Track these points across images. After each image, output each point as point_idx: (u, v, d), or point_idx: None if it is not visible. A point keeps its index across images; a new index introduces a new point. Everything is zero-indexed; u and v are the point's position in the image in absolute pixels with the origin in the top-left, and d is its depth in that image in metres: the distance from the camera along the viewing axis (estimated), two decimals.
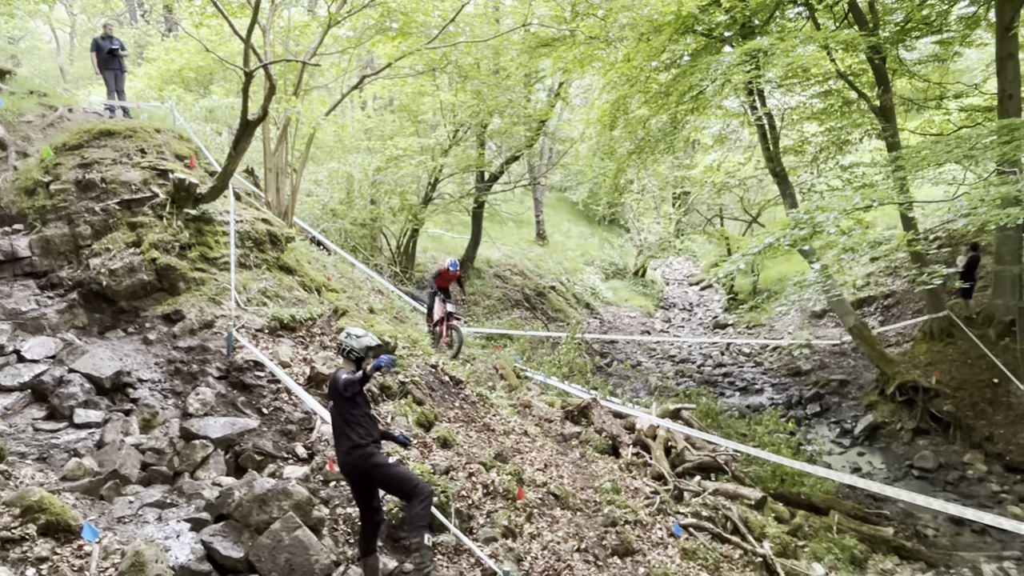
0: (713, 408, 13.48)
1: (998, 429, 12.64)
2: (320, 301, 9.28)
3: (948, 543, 10.06)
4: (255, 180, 13.08)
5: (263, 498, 5.64)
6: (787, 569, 7.72)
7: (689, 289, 27.79)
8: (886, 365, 14.28)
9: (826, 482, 10.81)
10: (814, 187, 17.32)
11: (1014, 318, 12.92)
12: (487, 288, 19.18)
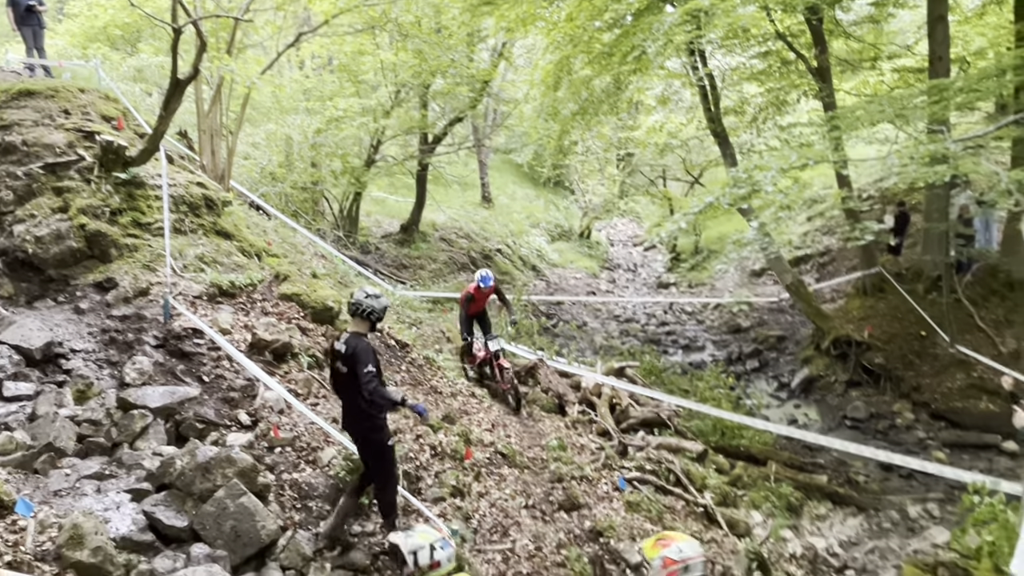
0: (656, 366, 13.76)
1: (925, 379, 13.24)
2: (260, 266, 9.08)
3: (877, 488, 10.56)
4: (189, 143, 12.63)
5: (206, 466, 5.56)
6: (727, 517, 8.02)
7: (633, 250, 28.12)
8: (821, 321, 14.76)
9: (764, 434, 11.21)
10: (754, 147, 17.62)
11: (941, 273, 13.45)
12: (433, 252, 19.06)
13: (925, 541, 8.15)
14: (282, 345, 7.43)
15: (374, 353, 5.53)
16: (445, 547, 3.76)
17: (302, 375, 7.34)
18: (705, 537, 7.55)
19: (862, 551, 8.58)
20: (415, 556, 3.69)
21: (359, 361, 5.40)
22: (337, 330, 8.56)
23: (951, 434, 12.12)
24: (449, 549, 3.76)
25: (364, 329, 5.65)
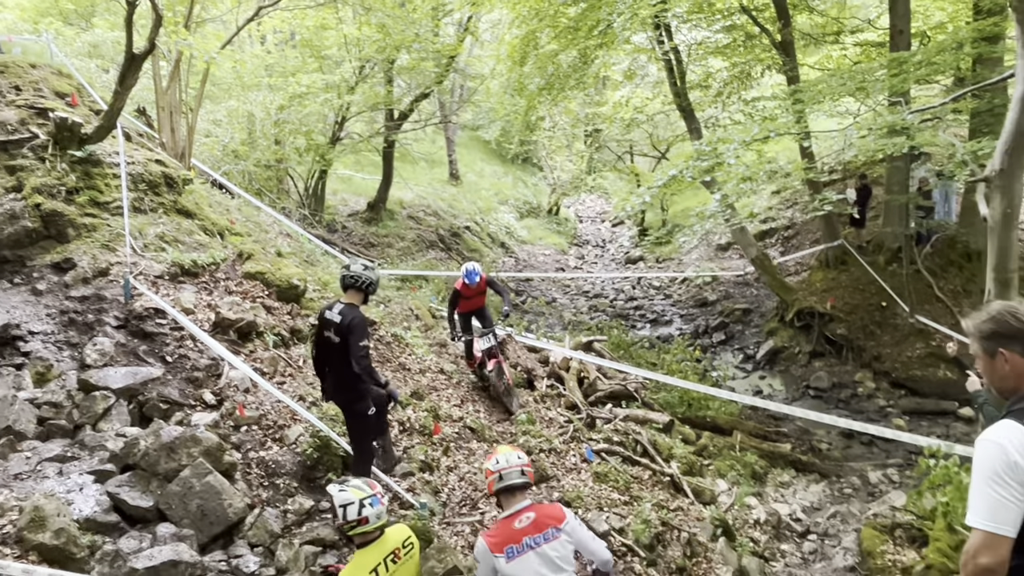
0: (624, 340, 13.89)
1: (885, 349, 13.55)
2: (223, 245, 8.95)
3: (839, 455, 10.82)
4: (147, 120, 12.33)
5: (171, 446, 5.52)
6: (693, 486, 8.16)
7: (601, 226, 28.20)
8: (786, 293, 14.99)
9: (730, 404, 11.40)
10: (719, 122, 17.72)
11: (901, 245, 13.72)
12: (401, 230, 18.93)
13: (884, 505, 8.37)
14: (247, 324, 7.36)
15: (367, 327, 5.69)
16: (375, 504, 3.80)
17: (268, 354, 7.28)
18: (672, 505, 7.67)
19: (824, 516, 8.80)
20: (344, 510, 3.75)
21: (354, 333, 5.49)
22: (303, 308, 8.50)
23: (910, 401, 12.44)
24: (378, 507, 3.80)
25: (358, 301, 5.72)
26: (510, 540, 3.94)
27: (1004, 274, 5.97)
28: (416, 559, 3.92)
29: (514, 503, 4.06)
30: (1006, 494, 2.27)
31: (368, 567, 3.70)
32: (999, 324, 2.45)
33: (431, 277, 15.01)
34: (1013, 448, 2.26)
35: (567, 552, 3.98)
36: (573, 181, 27.57)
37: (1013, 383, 2.45)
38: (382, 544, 3.80)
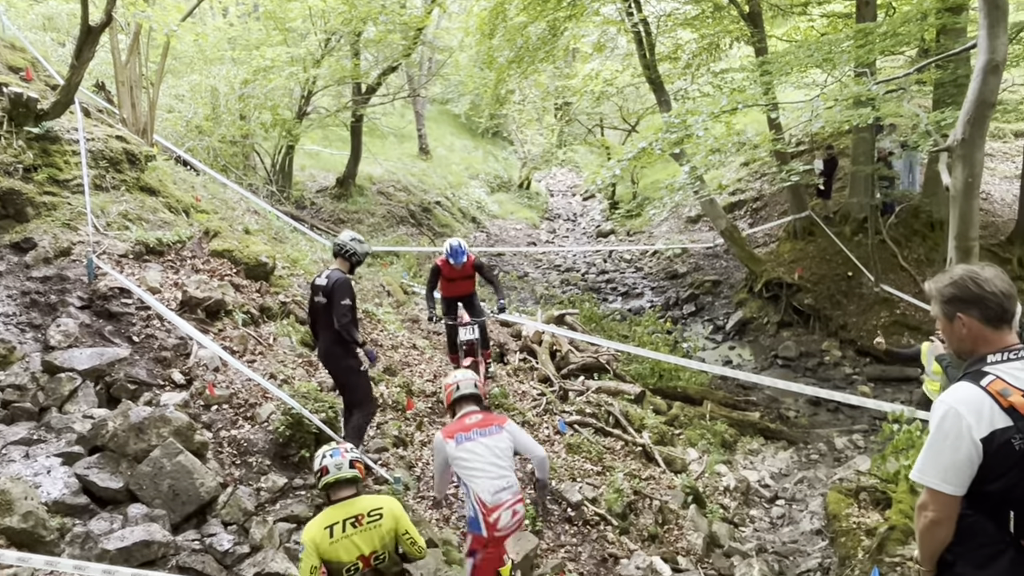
0: (596, 313, 13.97)
1: (851, 318, 13.82)
2: (189, 223, 8.79)
3: (806, 422, 11.06)
4: (107, 95, 12.01)
5: (140, 427, 5.46)
6: (664, 455, 8.29)
7: (573, 200, 28.20)
8: (754, 264, 15.17)
9: (700, 375, 11.57)
10: (688, 94, 17.72)
11: (867, 215, 13.94)
12: (371, 205, 18.76)
13: (850, 469, 8.58)
14: (215, 302, 7.26)
15: (352, 287, 5.99)
16: (334, 455, 4.03)
17: (237, 332, 7.20)
18: (644, 475, 7.80)
19: (792, 481, 9.01)
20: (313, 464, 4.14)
21: (336, 292, 5.89)
22: (272, 286, 8.41)
23: (875, 369, 12.72)
24: (337, 458, 4.01)
25: (344, 268, 6.13)
26: (460, 430, 4.76)
27: (965, 242, 6.09)
28: (384, 529, 3.95)
29: (466, 408, 4.92)
30: (957, 456, 2.34)
31: (326, 523, 3.89)
32: (959, 289, 2.50)
33: (402, 253, 14.93)
34: (967, 411, 2.33)
35: (507, 447, 4.75)
36: (544, 155, 27.49)
37: (970, 346, 2.51)
38: (349, 506, 3.95)
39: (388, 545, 3.97)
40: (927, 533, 2.50)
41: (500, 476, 4.63)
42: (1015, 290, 2.48)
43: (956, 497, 2.39)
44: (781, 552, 7.15)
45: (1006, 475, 2.30)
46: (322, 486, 4.00)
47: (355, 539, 3.87)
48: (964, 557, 2.46)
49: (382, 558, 3.96)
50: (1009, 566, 2.36)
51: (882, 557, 5.23)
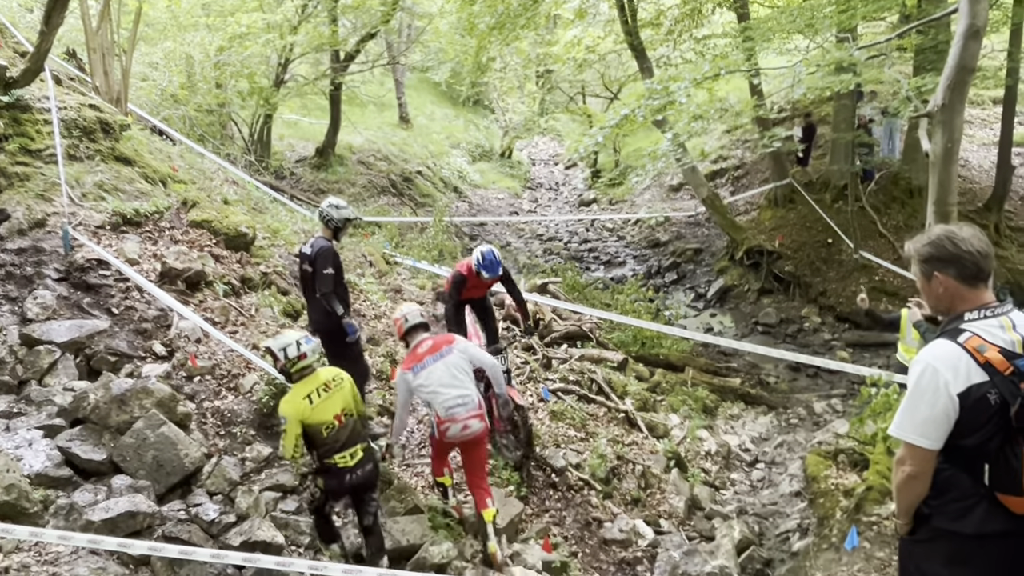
0: (579, 282, 14.00)
1: (831, 284, 13.96)
2: (167, 193, 8.67)
3: (786, 388, 11.21)
4: (79, 63, 11.72)
5: (122, 398, 5.43)
6: (647, 421, 8.38)
7: (555, 169, 28.09)
8: (735, 232, 15.24)
9: (682, 342, 11.66)
10: (670, 61, 17.62)
11: (847, 183, 14.02)
12: (351, 176, 18.57)
13: (828, 433, 8.73)
14: (195, 273, 7.19)
15: (335, 257, 5.98)
16: (308, 342, 4.68)
17: (218, 303, 7.15)
18: (626, 440, 7.89)
19: (771, 445, 9.16)
20: (285, 351, 4.63)
21: (319, 261, 5.92)
22: (253, 257, 8.34)
23: (854, 335, 12.90)
24: (312, 343, 4.70)
25: (328, 236, 6.14)
26: (414, 361, 5.23)
27: (944, 207, 6.15)
28: (347, 390, 4.84)
29: (417, 338, 5.37)
30: (934, 411, 2.39)
31: (303, 394, 4.63)
32: (936, 248, 2.53)
33: (384, 223, 14.82)
34: (944, 367, 2.38)
35: (463, 363, 5.23)
36: (525, 123, 27.29)
37: (947, 304, 2.55)
38: (315, 378, 4.72)
39: (351, 405, 4.84)
40: (904, 487, 2.56)
41: (457, 394, 5.14)
42: (991, 249, 2.52)
43: (933, 451, 2.44)
44: (761, 514, 7.30)
45: (981, 429, 2.35)
46: (296, 370, 4.66)
47: (328, 402, 4.68)
48: (940, 510, 2.52)
49: (350, 414, 4.81)
50: (983, 517, 2.42)
51: (860, 517, 5.34)
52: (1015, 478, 2.32)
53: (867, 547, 5.00)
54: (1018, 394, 2.28)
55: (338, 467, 4.70)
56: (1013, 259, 13.83)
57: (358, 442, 4.82)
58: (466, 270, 6.69)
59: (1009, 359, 2.33)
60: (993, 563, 2.49)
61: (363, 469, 4.80)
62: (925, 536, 2.61)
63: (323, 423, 4.64)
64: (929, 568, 2.62)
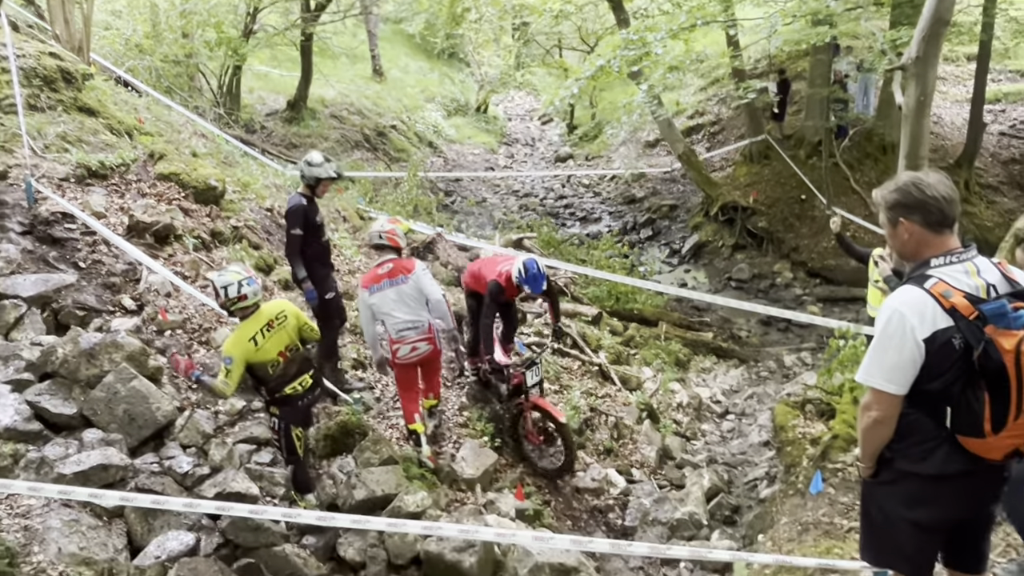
0: (555, 238, 14.00)
1: (803, 240, 14.10)
2: (132, 145, 8.45)
3: (757, 341, 11.39)
4: (37, 10, 11.31)
5: (91, 352, 5.37)
6: (620, 374, 8.47)
7: (531, 124, 27.81)
8: (711, 188, 15.27)
9: (656, 297, 11.76)
10: (647, 12, 17.36)
11: (821, 139, 14.06)
12: (323, 129, 18.24)
13: (797, 385, 8.89)
14: (163, 227, 7.06)
15: (304, 216, 5.94)
16: (251, 284, 4.71)
17: (188, 257, 7.04)
18: (600, 393, 7.99)
19: (742, 397, 9.33)
20: (225, 290, 4.65)
21: (287, 220, 6.01)
22: (223, 210, 8.20)
23: (824, 290, 13.10)
24: (254, 285, 4.74)
25: (307, 192, 6.09)
26: (373, 281, 5.55)
27: (915, 161, 6.20)
28: (290, 326, 4.92)
29: (381, 257, 5.66)
30: (901, 357, 2.43)
31: (248, 335, 4.69)
32: (902, 194, 2.55)
33: (358, 178, 14.63)
34: (910, 312, 2.41)
35: (415, 293, 5.49)
36: (501, 77, 26.89)
37: (913, 250, 2.58)
38: (258, 317, 4.78)
39: (296, 338, 4.96)
40: (870, 432, 2.62)
41: (407, 318, 5.51)
42: (957, 195, 2.54)
43: (899, 396, 2.49)
44: (730, 463, 7.46)
45: (946, 374, 2.40)
46: (238, 308, 4.72)
47: (272, 341, 4.77)
48: (902, 453, 2.59)
49: (294, 348, 4.93)
50: (944, 458, 2.49)
51: (825, 464, 5.47)
52: (976, 421, 2.38)
53: (832, 492, 5.14)
54: (981, 339, 2.32)
55: (289, 396, 4.89)
56: (981, 215, 14.05)
57: (306, 371, 4.99)
58: (504, 280, 6.10)
59: (973, 304, 2.36)
60: (951, 502, 2.57)
61: (313, 394, 5.08)
62: (888, 478, 2.68)
63: (268, 361, 4.77)
64: (890, 508, 2.70)
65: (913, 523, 2.63)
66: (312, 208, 6.12)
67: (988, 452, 2.42)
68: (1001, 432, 2.34)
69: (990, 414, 2.34)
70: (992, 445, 2.38)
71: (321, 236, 6.23)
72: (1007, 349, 2.28)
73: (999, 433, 2.34)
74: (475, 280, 6.61)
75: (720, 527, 6.23)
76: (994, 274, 2.47)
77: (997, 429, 2.34)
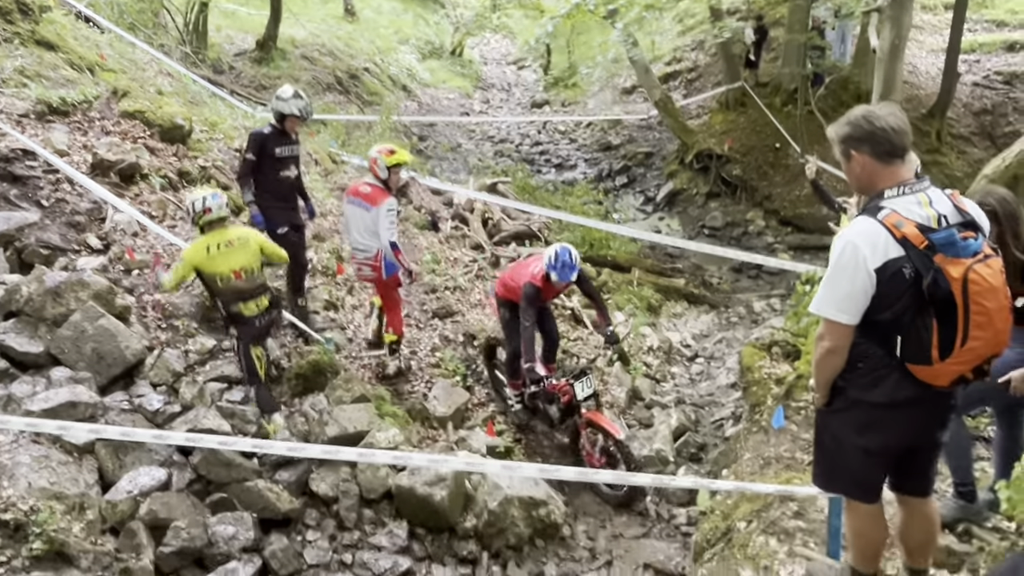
0: (530, 184, 13.92)
1: (776, 189, 14.17)
2: (95, 82, 8.21)
3: (728, 288, 11.52)
4: None
5: (56, 291, 5.31)
6: (592, 319, 8.55)
7: (507, 69, 27.35)
8: (686, 135, 15.23)
9: (630, 243, 11.80)
10: None
11: (797, 86, 14.01)
12: (294, 71, 17.77)
13: (766, 329, 9.03)
14: (129, 166, 6.92)
15: (261, 144, 5.95)
16: (216, 198, 5.14)
17: (155, 196, 6.92)
18: (572, 336, 8.07)
19: (711, 342, 9.48)
20: (193, 205, 5.13)
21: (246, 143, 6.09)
22: (190, 150, 8.04)
23: (796, 238, 13.23)
24: (220, 199, 5.17)
25: (276, 125, 6.05)
26: (352, 193, 5.99)
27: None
28: (250, 251, 5.21)
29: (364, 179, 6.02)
30: (853, 287, 2.48)
31: (204, 245, 5.08)
32: (853, 127, 2.57)
33: (329, 121, 14.36)
34: (863, 243, 2.45)
35: (371, 224, 5.77)
36: (477, 19, 26.31)
37: (867, 182, 2.61)
38: (221, 234, 5.14)
39: (254, 263, 5.23)
40: (823, 362, 2.68)
41: (361, 240, 5.90)
42: (907, 126, 2.55)
43: (850, 327, 2.55)
44: (698, 403, 7.63)
45: (896, 303, 2.46)
46: (204, 222, 5.11)
47: (227, 256, 5.09)
48: (854, 382, 2.66)
49: (250, 271, 5.18)
50: (893, 386, 2.57)
51: (788, 402, 5.62)
52: (925, 349, 2.45)
53: (794, 429, 5.29)
54: (931, 267, 2.37)
55: (244, 315, 5.20)
56: (952, 165, 14.18)
57: (263, 294, 5.30)
58: (540, 281, 5.67)
59: (924, 234, 2.41)
60: (900, 428, 2.67)
61: (268, 316, 5.39)
62: (840, 406, 2.76)
63: (218, 274, 5.08)
64: (842, 436, 2.79)
65: (863, 449, 2.72)
66: (274, 139, 6.00)
67: (936, 379, 2.50)
68: (948, 359, 2.41)
69: (938, 341, 2.41)
70: (939, 372, 2.46)
71: (280, 170, 6.08)
72: (954, 277, 2.34)
73: (946, 360, 2.42)
74: (506, 288, 6.08)
75: (686, 464, 6.39)
76: (946, 205, 2.52)
77: (944, 356, 2.41)
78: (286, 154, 6.11)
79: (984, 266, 2.36)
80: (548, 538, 5.11)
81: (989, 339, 2.39)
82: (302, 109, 6.03)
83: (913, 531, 2.91)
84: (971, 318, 2.35)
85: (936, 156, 13.79)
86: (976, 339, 2.37)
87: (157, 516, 4.41)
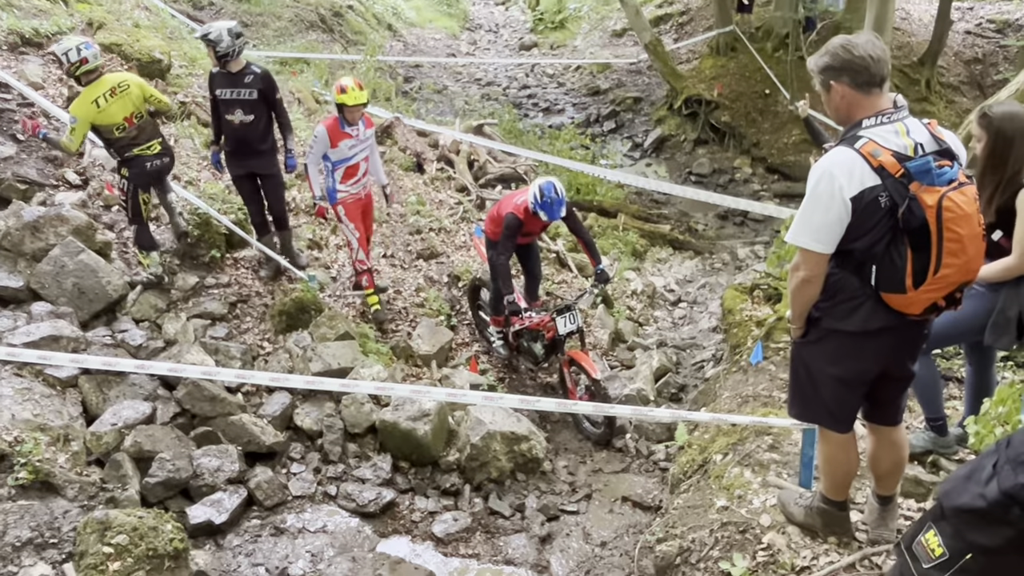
0: (517, 127, 13.78)
1: (764, 136, 14.10)
2: (69, 13, 8.00)
3: (713, 234, 11.56)
4: None
5: (35, 225, 5.27)
6: (577, 262, 8.58)
7: (495, 9, 26.75)
8: (676, 80, 15.05)
9: (616, 189, 11.77)
10: None
11: (789, 31, 13.84)
12: (276, 8, 17.30)
13: (749, 275, 9.09)
14: None
15: (209, 83, 5.75)
16: (88, 48, 5.06)
17: None
18: (557, 279, 8.10)
19: (695, 287, 9.54)
20: (67, 55, 4.96)
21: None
22: (169, 85, 7.87)
23: (782, 185, 13.21)
24: (93, 49, 5.11)
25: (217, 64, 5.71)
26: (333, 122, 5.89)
27: None
28: (134, 95, 5.27)
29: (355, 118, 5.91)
30: (828, 216, 2.50)
31: (91, 98, 5.06)
32: (831, 57, 2.55)
33: (313, 60, 14.06)
34: (839, 172, 2.46)
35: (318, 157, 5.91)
36: None
37: (846, 113, 2.61)
38: (101, 83, 5.12)
39: (141, 107, 5.32)
40: (798, 292, 2.71)
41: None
42: (886, 55, 2.54)
43: (825, 256, 2.57)
44: (680, 346, 7.71)
45: (871, 232, 2.48)
46: (81, 72, 5.05)
47: (116, 106, 5.13)
48: (829, 312, 2.70)
49: (141, 115, 5.30)
50: (867, 315, 2.61)
51: (768, 344, 5.70)
52: (899, 277, 2.48)
53: (772, 369, 5.37)
54: (906, 196, 2.39)
55: (137, 156, 5.30)
56: (940, 115, 14.11)
57: (155, 138, 5.42)
58: (522, 212, 5.51)
59: (900, 162, 2.42)
60: (873, 356, 2.71)
61: (161, 160, 5.48)
62: (815, 337, 2.80)
63: (113, 124, 5.18)
64: (816, 366, 2.84)
65: (837, 378, 2.78)
66: (217, 80, 5.61)
67: (909, 307, 2.54)
68: (921, 287, 2.45)
69: (911, 269, 2.44)
70: (913, 300, 2.50)
71: (225, 113, 5.65)
72: (929, 205, 2.36)
73: (919, 288, 2.45)
74: (494, 223, 5.83)
75: (666, 403, 6.50)
76: (923, 134, 2.52)
77: (918, 284, 2.45)
78: (229, 96, 5.63)
79: (959, 193, 2.38)
80: (529, 472, 5.21)
81: (961, 266, 2.43)
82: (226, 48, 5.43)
83: (882, 458, 2.98)
84: (944, 245, 2.38)
85: (925, 105, 13.72)
86: (949, 266, 2.41)
87: (142, 448, 4.45)
